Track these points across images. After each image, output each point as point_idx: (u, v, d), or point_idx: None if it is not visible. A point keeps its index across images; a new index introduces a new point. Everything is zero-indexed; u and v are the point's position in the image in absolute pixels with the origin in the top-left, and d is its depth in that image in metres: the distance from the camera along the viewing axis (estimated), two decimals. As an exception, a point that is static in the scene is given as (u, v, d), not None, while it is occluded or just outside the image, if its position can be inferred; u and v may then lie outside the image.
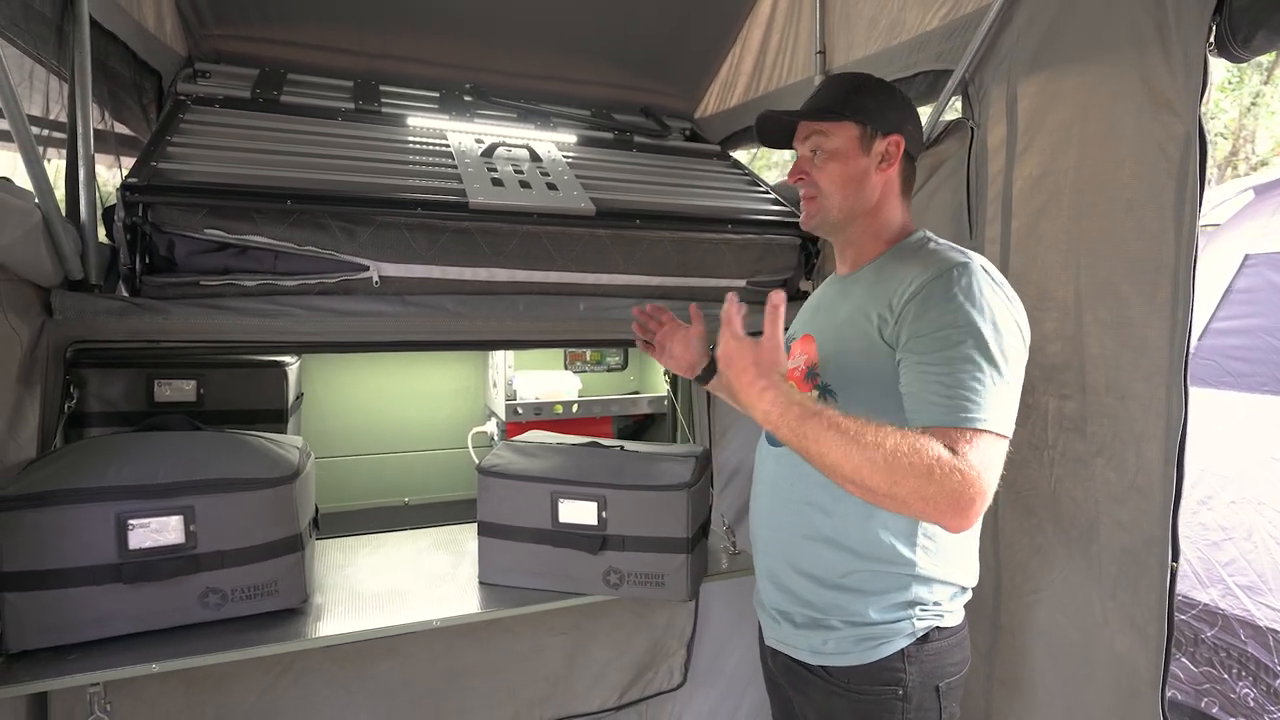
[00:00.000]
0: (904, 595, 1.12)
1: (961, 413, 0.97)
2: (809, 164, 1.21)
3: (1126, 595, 1.38)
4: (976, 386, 0.97)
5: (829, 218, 1.21)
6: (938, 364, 1.00)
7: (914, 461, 0.91)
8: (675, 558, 1.39)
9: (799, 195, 1.26)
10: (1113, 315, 1.39)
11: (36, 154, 1.26)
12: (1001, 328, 1.01)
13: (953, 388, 0.98)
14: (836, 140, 1.18)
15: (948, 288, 1.03)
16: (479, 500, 1.44)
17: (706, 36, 2.55)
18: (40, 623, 1.11)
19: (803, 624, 1.18)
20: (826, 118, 1.18)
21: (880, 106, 1.19)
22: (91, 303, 1.40)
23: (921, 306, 1.04)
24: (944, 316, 1.02)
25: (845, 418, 0.96)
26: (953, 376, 0.99)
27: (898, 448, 0.92)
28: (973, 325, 1.00)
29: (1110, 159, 1.39)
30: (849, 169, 1.18)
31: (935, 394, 0.99)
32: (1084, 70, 1.45)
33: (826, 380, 1.16)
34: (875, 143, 1.18)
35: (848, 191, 1.19)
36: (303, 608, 1.31)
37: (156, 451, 1.21)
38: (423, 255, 1.59)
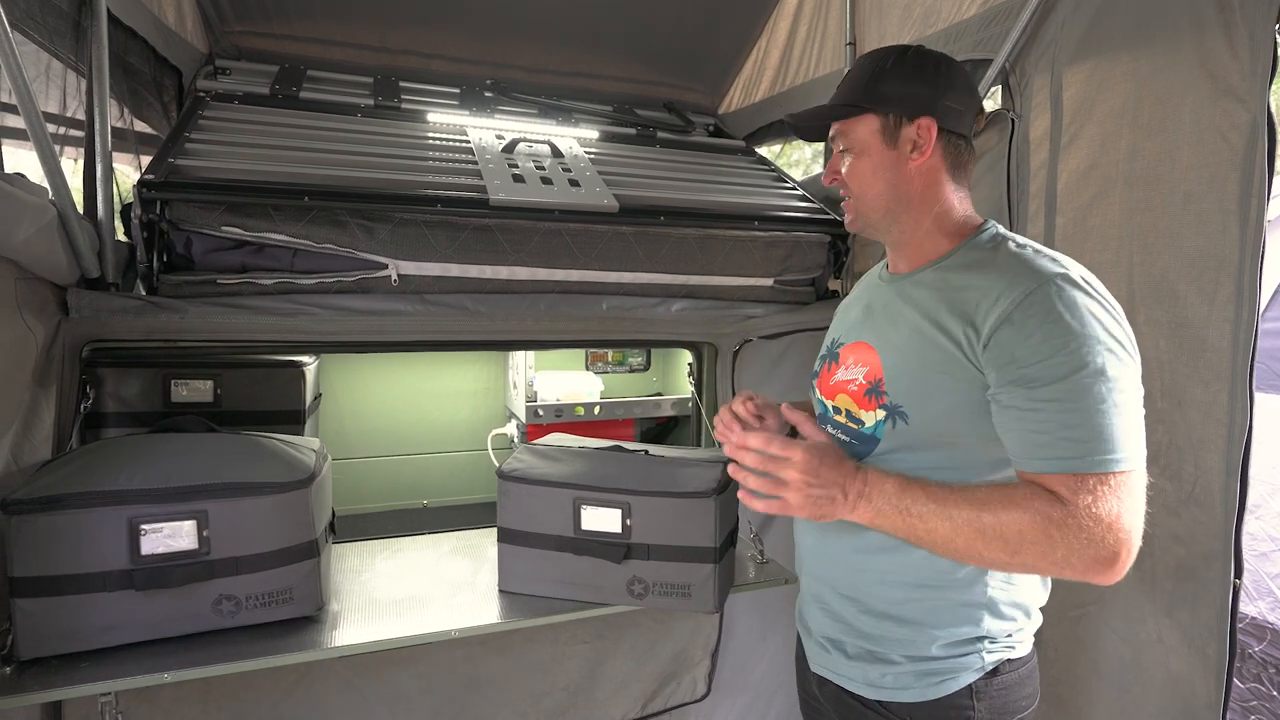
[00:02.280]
0: (973, 629, 1.01)
1: (1092, 455, 0.86)
2: (839, 164, 1.12)
3: (1183, 613, 1.30)
4: (1103, 422, 0.86)
5: (869, 220, 1.11)
6: (1051, 399, 0.88)
7: (1025, 528, 0.86)
8: (702, 567, 1.33)
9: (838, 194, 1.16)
10: (1169, 315, 1.31)
11: (52, 150, 1.23)
12: (1116, 347, 0.89)
13: (1074, 427, 0.87)
14: (857, 136, 1.08)
15: (1048, 307, 0.90)
16: (499, 506, 1.39)
17: (731, 30, 2.49)
18: (52, 630, 1.09)
19: (856, 655, 1.09)
20: (844, 114, 1.09)
21: (902, 88, 1.05)
22: (108, 301, 1.38)
23: (1020, 331, 0.90)
24: (1050, 342, 0.89)
25: (938, 485, 0.92)
26: (1073, 414, 0.87)
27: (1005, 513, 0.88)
28: (1087, 350, 0.87)
29: (1166, 149, 1.31)
30: (874, 165, 1.07)
31: (1054, 435, 0.88)
32: (1136, 56, 1.37)
33: (896, 400, 1.03)
34: (902, 130, 1.05)
35: (879, 190, 1.07)
36: (318, 615, 1.27)
37: (170, 454, 1.18)
38: (442, 253, 1.56)
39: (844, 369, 1.14)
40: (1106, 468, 0.86)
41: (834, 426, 1.15)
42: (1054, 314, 0.89)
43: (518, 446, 1.48)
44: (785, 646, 1.87)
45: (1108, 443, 0.86)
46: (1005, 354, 0.91)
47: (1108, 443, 0.86)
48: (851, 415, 1.11)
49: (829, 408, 1.17)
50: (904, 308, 1.07)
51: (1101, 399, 0.86)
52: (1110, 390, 0.87)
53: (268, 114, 1.82)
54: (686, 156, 2.23)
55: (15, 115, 1.19)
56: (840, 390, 1.14)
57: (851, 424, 1.11)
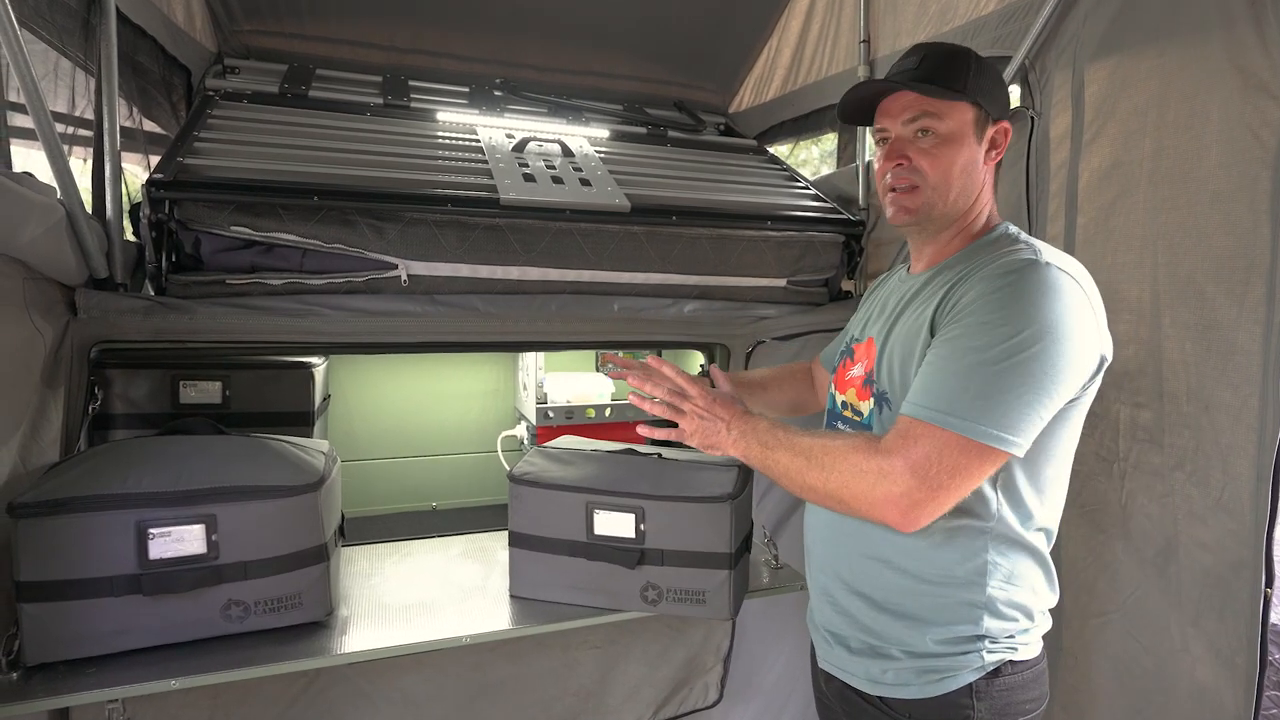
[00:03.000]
0: (971, 628, 1.00)
1: (924, 403, 0.89)
2: (911, 148, 1.04)
3: (1210, 622, 1.27)
4: (958, 381, 0.88)
5: (933, 212, 1.05)
6: (943, 347, 0.92)
7: (843, 456, 0.92)
8: (717, 574, 1.31)
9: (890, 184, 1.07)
10: (1196, 317, 1.28)
11: (60, 148, 1.22)
12: (1046, 333, 0.87)
13: (932, 375, 0.91)
14: (953, 122, 1.02)
15: (996, 283, 0.92)
16: (510, 509, 1.37)
17: (743, 28, 2.47)
18: (58, 635, 1.07)
19: (859, 650, 1.09)
20: (948, 95, 1.02)
21: (994, 87, 1.05)
22: (116, 301, 1.36)
23: (961, 297, 0.95)
24: (976, 305, 0.92)
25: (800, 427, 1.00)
26: (941, 363, 0.91)
27: (828, 443, 0.94)
28: (1002, 321, 0.88)
29: (1193, 148, 1.28)
30: (964, 157, 1.03)
31: (920, 381, 0.93)
32: (1161, 52, 1.34)
33: (882, 387, 1.06)
34: (988, 128, 1.05)
35: (959, 184, 1.04)
36: (327, 621, 1.26)
37: (178, 457, 1.16)
38: (452, 253, 1.54)
39: (855, 365, 1.16)
40: (937, 421, 0.88)
41: (842, 421, 1.17)
42: (995, 288, 0.92)
43: (529, 449, 1.46)
44: (798, 651, 1.84)
45: (952, 401, 0.88)
46: (948, 310, 0.96)
47: (952, 401, 0.88)
48: (854, 408, 1.13)
49: (838, 402, 1.19)
50: (908, 305, 1.09)
51: (986, 363, 0.87)
52: (1006, 362, 0.87)
53: (277, 113, 1.81)
54: (698, 156, 2.21)
55: (24, 114, 1.18)
56: (850, 385, 1.15)
57: (854, 415, 1.13)
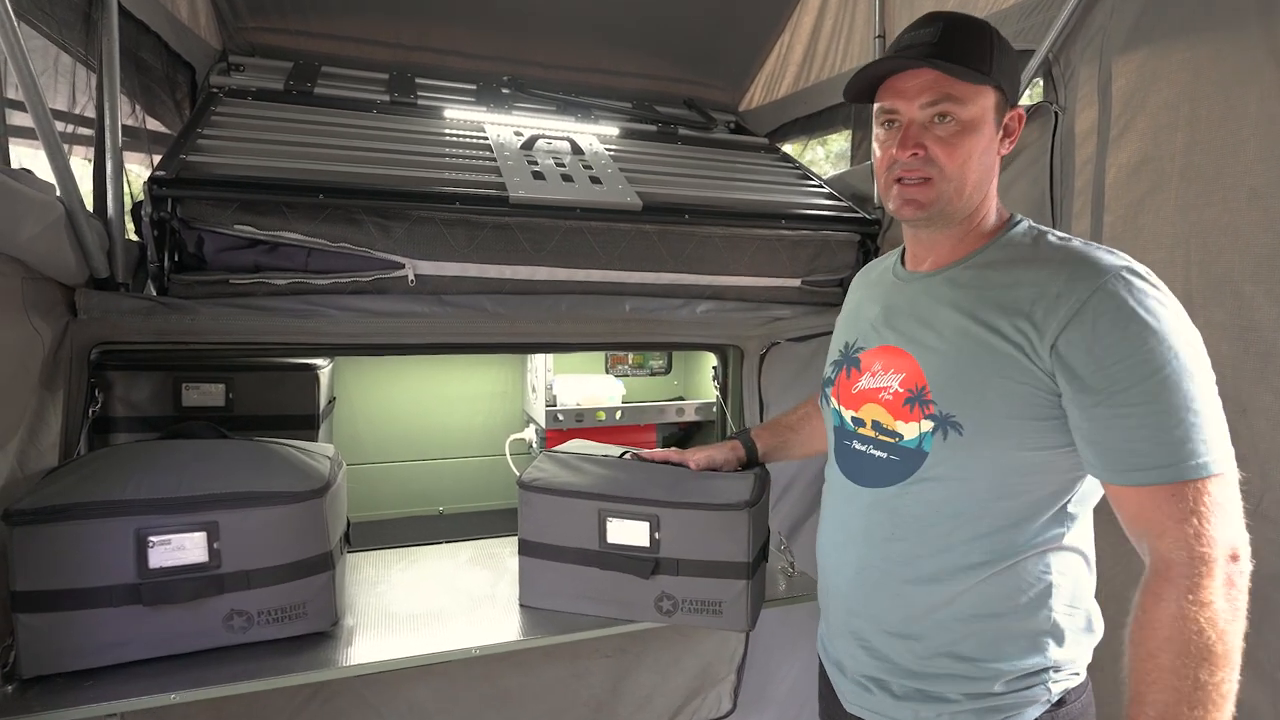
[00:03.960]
0: (1040, 659, 0.92)
1: (1188, 460, 0.80)
2: (928, 134, 0.93)
3: (1249, 635, 1.22)
4: (1194, 421, 0.80)
5: (950, 206, 0.95)
6: (1137, 403, 0.81)
7: (1199, 643, 0.83)
8: (735, 584, 1.27)
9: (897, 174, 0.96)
10: (1232, 318, 1.23)
11: (59, 145, 1.19)
12: (1195, 341, 0.84)
13: (1166, 429, 0.80)
14: (977, 108, 0.92)
15: (1119, 303, 0.83)
16: (520, 516, 1.33)
17: (753, 24, 2.43)
18: (55, 647, 1.04)
19: (904, 695, 0.98)
20: (975, 78, 0.91)
21: (1014, 68, 0.96)
22: (117, 302, 1.33)
23: (1093, 331, 0.83)
24: (1129, 341, 0.82)
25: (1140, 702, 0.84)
26: (1163, 416, 0.80)
27: (1185, 662, 0.83)
28: (1167, 347, 0.81)
29: (1229, 142, 1.23)
30: (983, 146, 0.93)
31: (1146, 442, 0.81)
32: (1194, 44, 1.29)
33: (947, 409, 0.93)
34: (1006, 114, 0.96)
35: (979, 173, 0.94)
36: (333, 631, 1.22)
37: (179, 462, 1.13)
38: (460, 252, 1.51)
39: (870, 376, 1.03)
40: (1205, 471, 0.81)
41: (860, 441, 1.04)
42: (1126, 310, 0.82)
43: (538, 454, 1.42)
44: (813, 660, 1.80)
45: (1202, 445, 0.80)
46: (1079, 356, 0.84)
47: (1202, 445, 0.80)
48: (883, 428, 1.00)
49: (848, 419, 1.07)
50: (939, 308, 0.97)
51: (1191, 398, 0.81)
52: (1197, 388, 0.81)
53: (282, 110, 1.78)
54: (709, 154, 2.17)
55: (23, 111, 1.15)
56: (868, 400, 1.03)
57: (885, 437, 1.00)
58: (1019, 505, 0.92)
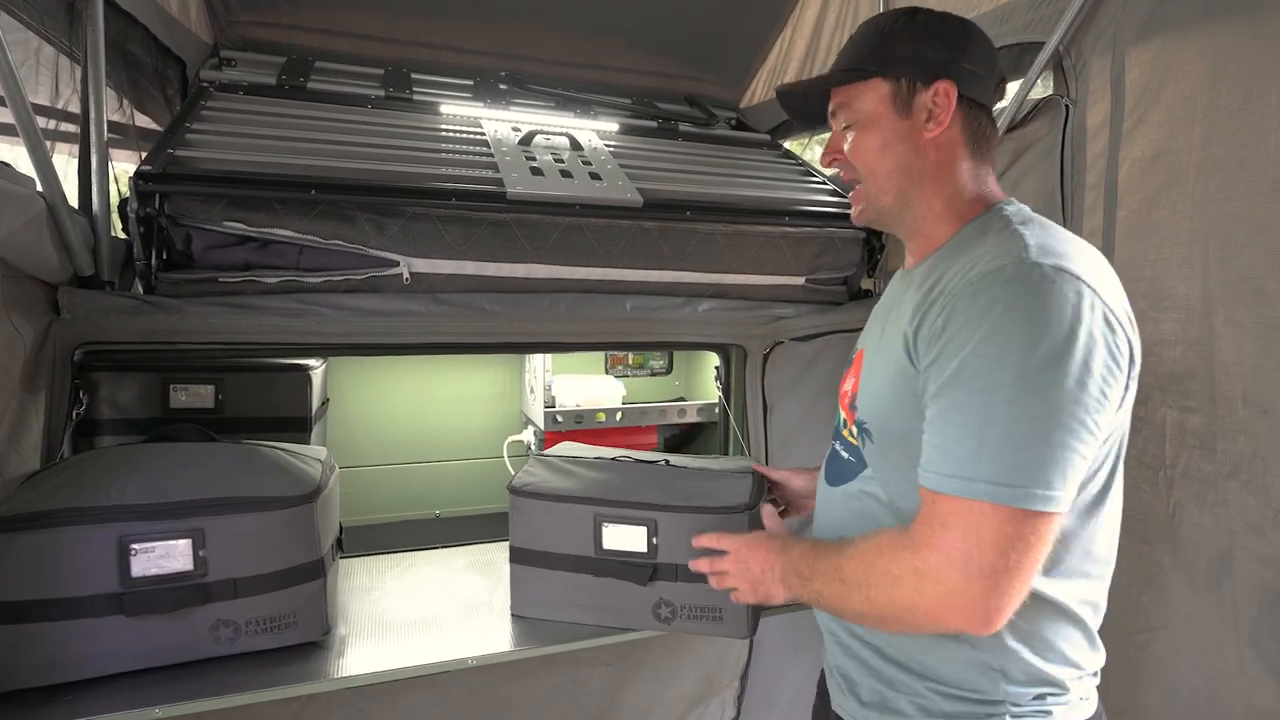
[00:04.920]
0: (988, 690, 0.85)
1: (940, 469, 0.76)
2: (842, 141, 0.96)
3: (1270, 642, 1.19)
4: (972, 436, 0.73)
5: (880, 206, 0.95)
6: (947, 407, 0.77)
7: (872, 569, 0.81)
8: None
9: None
10: (1254, 316, 1.19)
11: (40, 138, 1.15)
12: (1047, 356, 0.72)
13: (941, 432, 0.76)
14: (865, 104, 0.93)
15: (977, 294, 0.76)
16: (511, 523, 1.29)
17: (755, 18, 2.39)
18: (33, 659, 0.99)
19: (870, 702, 0.96)
20: (848, 79, 0.93)
21: (916, 49, 0.91)
22: (101, 300, 1.29)
23: (945, 321, 0.79)
24: (960, 336, 0.76)
25: (839, 543, 0.88)
26: (959, 426, 0.75)
27: (857, 553, 0.83)
28: (992, 349, 0.73)
29: (1249, 134, 1.20)
30: (885, 137, 0.92)
31: (938, 448, 0.77)
32: (1211, 34, 1.26)
33: (862, 415, 0.93)
34: (917, 97, 0.90)
35: (889, 166, 0.92)
36: (324, 641, 1.18)
37: (164, 466, 1.09)
38: (457, 250, 1.47)
39: (847, 380, 1.04)
40: (961, 492, 0.74)
41: (840, 444, 1.04)
42: (977, 302, 0.76)
43: (530, 458, 1.38)
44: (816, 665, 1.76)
45: (980, 465, 0.72)
46: (932, 355, 0.80)
47: (980, 465, 0.72)
48: (849, 428, 1.01)
49: (840, 421, 1.06)
50: (894, 309, 0.95)
51: (995, 418, 0.72)
52: (1015, 410, 0.72)
53: (274, 105, 1.74)
54: (710, 150, 2.13)
55: (2, 105, 1.10)
56: (842, 403, 1.05)
57: (851, 439, 1.00)
58: None
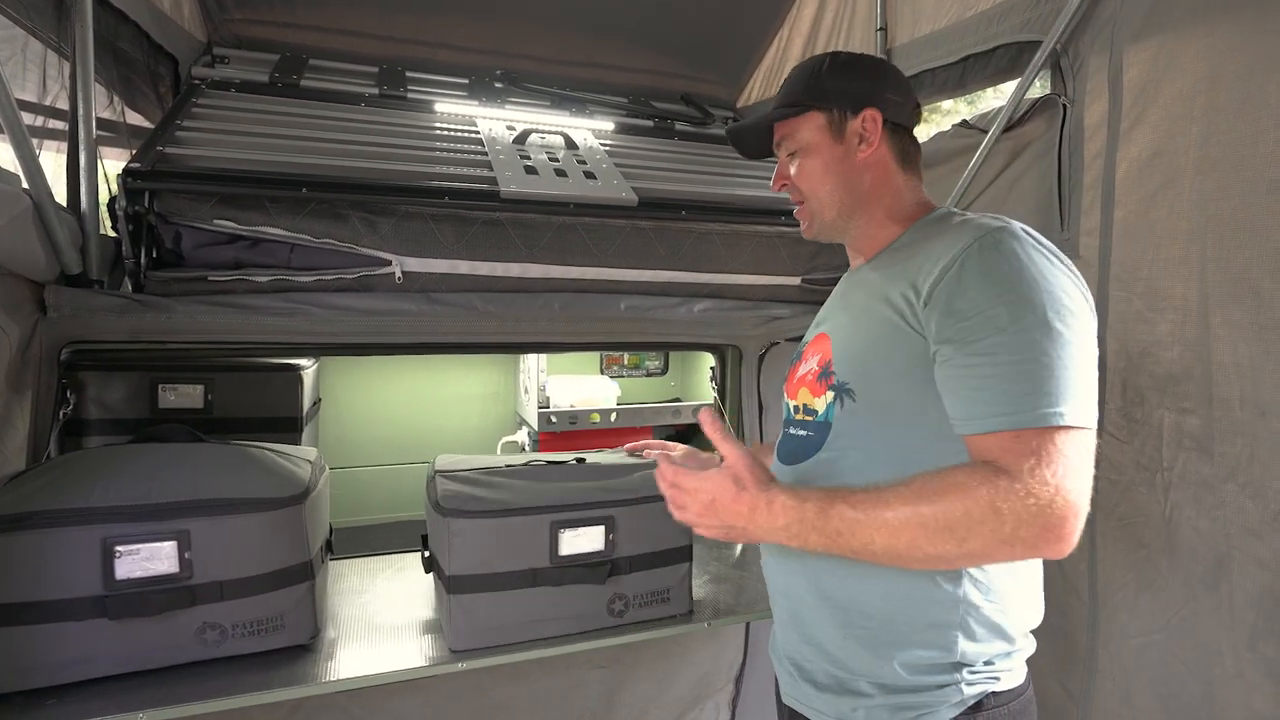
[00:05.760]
0: (945, 654, 0.90)
1: (1034, 409, 0.79)
2: (787, 169, 1.11)
3: (1270, 647, 1.18)
4: (1044, 375, 0.79)
5: (825, 220, 1.09)
6: (988, 353, 0.82)
7: (970, 508, 0.78)
8: (680, 568, 1.27)
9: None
10: (1250, 317, 1.18)
11: (24, 134, 1.13)
12: (1063, 297, 0.83)
13: (1013, 380, 0.80)
14: (805, 134, 1.07)
15: (986, 257, 0.86)
16: (448, 551, 1.17)
17: (752, 17, 2.38)
18: (14, 663, 0.98)
19: (826, 685, 0.98)
20: (789, 114, 1.07)
21: (843, 83, 1.06)
22: (89, 299, 1.28)
23: (957, 284, 0.86)
24: (987, 292, 0.84)
25: (866, 490, 0.84)
26: (1012, 367, 0.81)
27: (945, 499, 0.79)
28: (1027, 300, 0.82)
29: (1246, 134, 1.19)
30: (825, 161, 1.06)
31: (992, 391, 0.81)
32: (1211, 33, 1.25)
33: (843, 377, 0.98)
34: (848, 124, 1.05)
35: (830, 186, 1.06)
36: (313, 644, 1.16)
37: (150, 467, 1.07)
38: (450, 249, 1.45)
39: (803, 363, 1.10)
40: (1049, 421, 0.78)
41: (795, 426, 1.08)
42: (991, 263, 0.85)
43: (438, 478, 1.25)
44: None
45: (1050, 396, 0.79)
46: (942, 309, 0.87)
47: (1050, 396, 0.79)
48: (808, 408, 1.06)
49: (791, 408, 1.12)
50: (855, 292, 1.06)
51: (1043, 351, 0.80)
52: (1053, 342, 0.80)
53: (266, 102, 1.73)
54: (706, 149, 2.13)
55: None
56: (801, 385, 1.09)
57: (808, 416, 1.06)
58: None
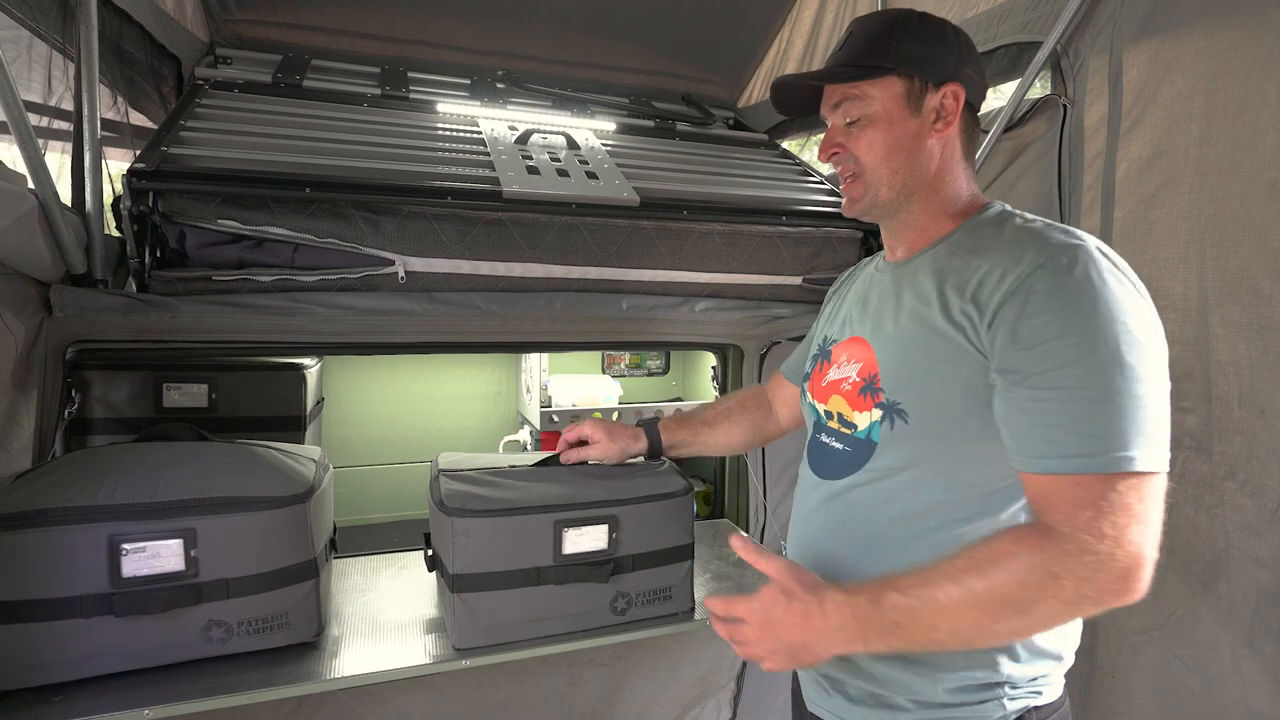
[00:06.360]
0: (990, 674, 0.87)
1: (1105, 453, 0.73)
2: (844, 135, 0.97)
3: (1267, 644, 1.18)
4: (1115, 415, 0.73)
5: (879, 199, 0.97)
6: (1052, 387, 0.76)
7: (1024, 577, 0.73)
8: (681, 566, 1.28)
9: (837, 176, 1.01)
10: (1249, 316, 1.19)
11: (31, 134, 1.14)
12: (1139, 329, 0.76)
13: (1083, 419, 0.74)
14: (877, 101, 0.93)
15: (1058, 281, 0.78)
16: (450, 550, 1.16)
17: (753, 19, 2.39)
18: (22, 660, 0.98)
19: (859, 698, 0.95)
20: (862, 75, 0.94)
21: (926, 50, 0.93)
22: (94, 299, 1.28)
23: (1023, 307, 0.79)
24: (1059, 321, 0.77)
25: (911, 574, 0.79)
26: (1075, 403, 0.75)
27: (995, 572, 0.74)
28: (1102, 331, 0.75)
29: (1245, 134, 1.20)
30: (896, 135, 0.94)
31: (1053, 429, 0.76)
32: (1210, 34, 1.25)
33: (894, 396, 0.91)
34: (927, 97, 0.93)
35: (897, 164, 0.94)
36: (317, 641, 1.17)
37: (155, 466, 1.08)
38: (452, 248, 1.46)
39: (836, 368, 1.02)
40: (1118, 467, 0.73)
41: (828, 434, 1.02)
42: (1064, 289, 0.78)
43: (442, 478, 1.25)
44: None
45: (1120, 438, 0.73)
46: (1007, 334, 0.80)
47: (1120, 438, 0.73)
48: (844, 419, 0.99)
49: (821, 413, 1.05)
50: (901, 294, 0.96)
51: (1116, 388, 0.74)
52: (1127, 379, 0.74)
53: (269, 103, 1.73)
54: (708, 150, 2.13)
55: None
56: (833, 391, 1.01)
57: (844, 429, 0.99)
58: (968, 500, 0.87)
